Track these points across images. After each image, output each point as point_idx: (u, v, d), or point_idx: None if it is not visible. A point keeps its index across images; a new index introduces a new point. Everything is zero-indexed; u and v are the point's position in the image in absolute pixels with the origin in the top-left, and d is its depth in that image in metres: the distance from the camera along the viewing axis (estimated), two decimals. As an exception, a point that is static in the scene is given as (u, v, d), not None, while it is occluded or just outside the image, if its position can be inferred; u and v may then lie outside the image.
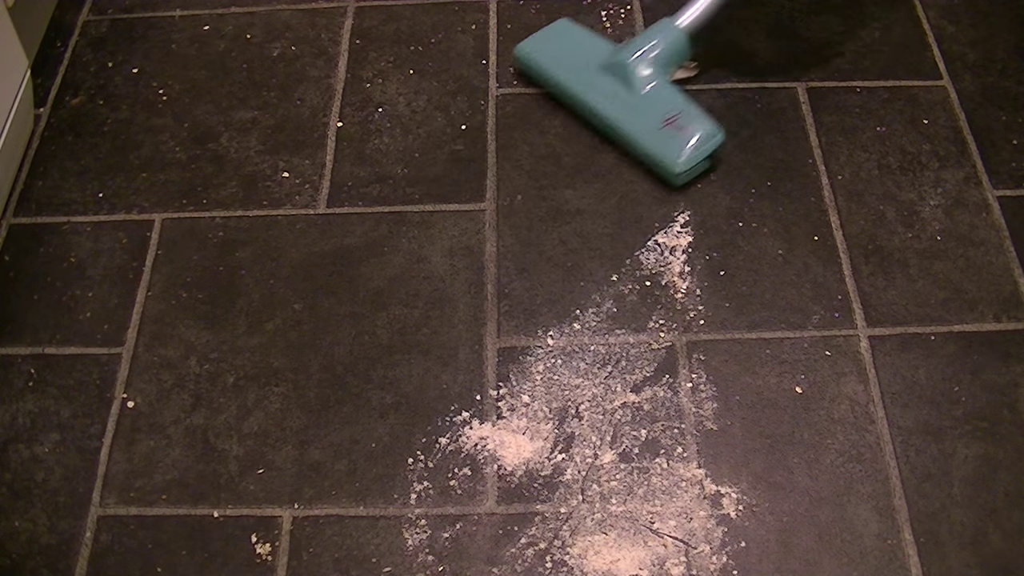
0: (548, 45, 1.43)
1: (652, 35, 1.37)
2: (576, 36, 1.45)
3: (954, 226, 1.28)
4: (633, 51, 1.35)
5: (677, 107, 1.32)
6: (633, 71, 1.34)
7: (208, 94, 1.45)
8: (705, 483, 1.08)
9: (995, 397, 1.14)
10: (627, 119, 1.33)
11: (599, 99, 1.35)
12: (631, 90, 1.34)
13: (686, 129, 1.29)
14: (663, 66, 1.36)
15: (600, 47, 1.41)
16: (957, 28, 1.50)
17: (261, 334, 1.21)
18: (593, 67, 1.38)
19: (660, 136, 1.30)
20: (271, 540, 1.06)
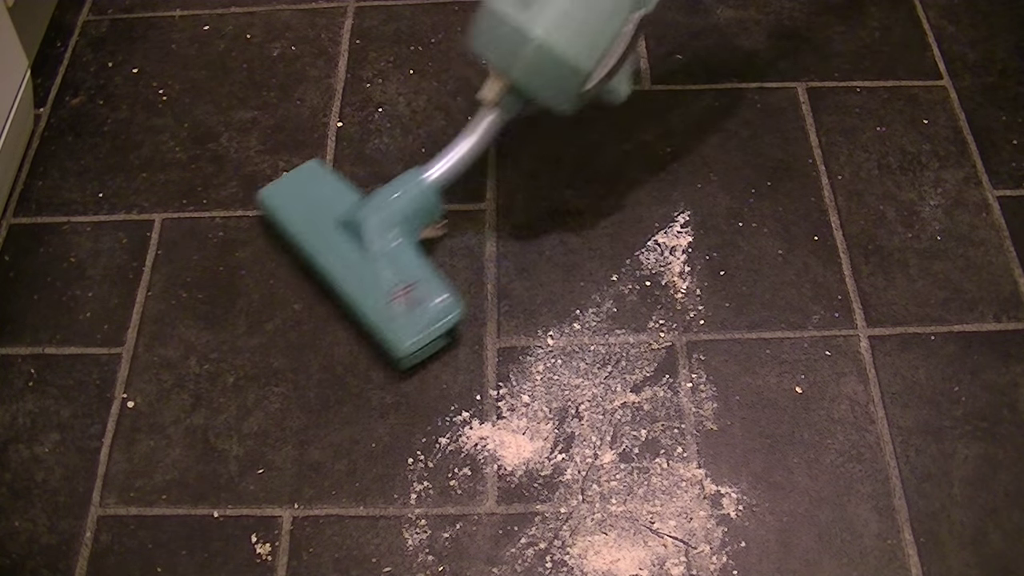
0: (293, 191, 1.26)
1: (396, 189, 1.18)
2: (322, 182, 1.27)
3: (954, 226, 1.28)
4: (372, 208, 1.17)
5: (412, 277, 1.14)
6: (367, 230, 1.16)
7: (208, 94, 1.45)
8: (705, 483, 1.08)
9: (995, 397, 1.14)
10: (356, 287, 1.16)
11: (332, 261, 1.18)
12: (365, 252, 1.16)
13: (418, 304, 1.13)
14: (406, 226, 1.17)
15: (343, 198, 1.23)
16: (957, 28, 1.50)
17: (261, 334, 1.21)
18: (330, 222, 1.20)
19: (388, 311, 1.13)
20: (271, 540, 1.06)
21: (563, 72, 1.10)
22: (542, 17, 1.07)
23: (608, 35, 1.09)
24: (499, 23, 1.09)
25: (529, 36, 1.07)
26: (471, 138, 1.19)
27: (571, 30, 1.07)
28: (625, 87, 1.19)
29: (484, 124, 1.18)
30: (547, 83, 1.12)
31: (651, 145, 1.37)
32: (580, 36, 1.08)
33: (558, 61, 1.08)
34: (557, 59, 1.08)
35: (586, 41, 1.08)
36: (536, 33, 1.07)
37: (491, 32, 1.11)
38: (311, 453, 1.12)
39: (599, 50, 1.09)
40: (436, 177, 1.19)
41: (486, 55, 1.13)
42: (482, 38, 1.13)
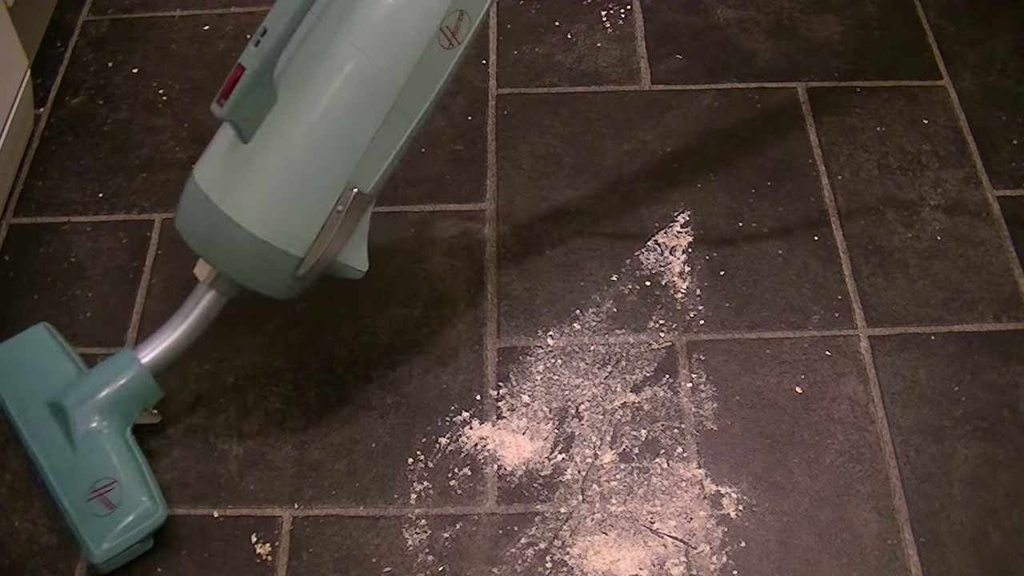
0: (15, 359, 1.14)
1: (108, 371, 1.07)
2: (44, 352, 1.14)
3: (954, 226, 1.28)
4: (81, 391, 1.06)
5: (114, 474, 1.03)
6: (73, 418, 1.05)
7: (208, 94, 1.45)
8: (705, 483, 1.08)
9: (995, 397, 1.14)
10: (59, 479, 1.04)
11: (38, 446, 1.07)
12: (69, 442, 1.05)
13: (116, 506, 1.01)
14: (117, 412, 1.06)
15: (61, 374, 1.11)
16: (957, 28, 1.50)
17: (261, 334, 1.21)
18: (43, 401, 1.09)
19: (86, 511, 1.02)
20: (271, 540, 1.06)
21: (271, 259, 1.00)
22: (244, 200, 0.98)
23: (318, 217, 0.99)
24: (200, 205, 0.99)
25: (229, 223, 0.98)
26: (188, 319, 1.07)
27: (274, 216, 0.98)
28: (360, 262, 1.07)
29: (202, 304, 1.07)
30: (255, 271, 1.02)
31: (651, 145, 1.37)
32: (284, 222, 0.99)
33: (264, 249, 0.99)
34: (262, 247, 0.98)
35: (292, 226, 0.99)
36: (237, 219, 0.97)
37: (192, 214, 1.01)
38: (311, 453, 1.12)
39: (311, 232, 1.00)
40: (149, 360, 1.07)
41: (188, 239, 1.02)
42: (185, 220, 1.02)
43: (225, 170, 0.99)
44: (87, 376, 1.08)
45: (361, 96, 0.98)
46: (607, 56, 1.48)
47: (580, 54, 1.48)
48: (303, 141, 0.98)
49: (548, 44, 1.50)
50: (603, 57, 1.48)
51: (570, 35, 1.50)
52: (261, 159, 0.98)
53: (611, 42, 1.49)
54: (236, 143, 0.98)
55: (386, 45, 0.97)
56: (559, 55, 1.48)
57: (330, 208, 1.00)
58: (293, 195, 0.99)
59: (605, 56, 1.48)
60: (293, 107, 0.97)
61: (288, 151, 0.98)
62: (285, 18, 0.92)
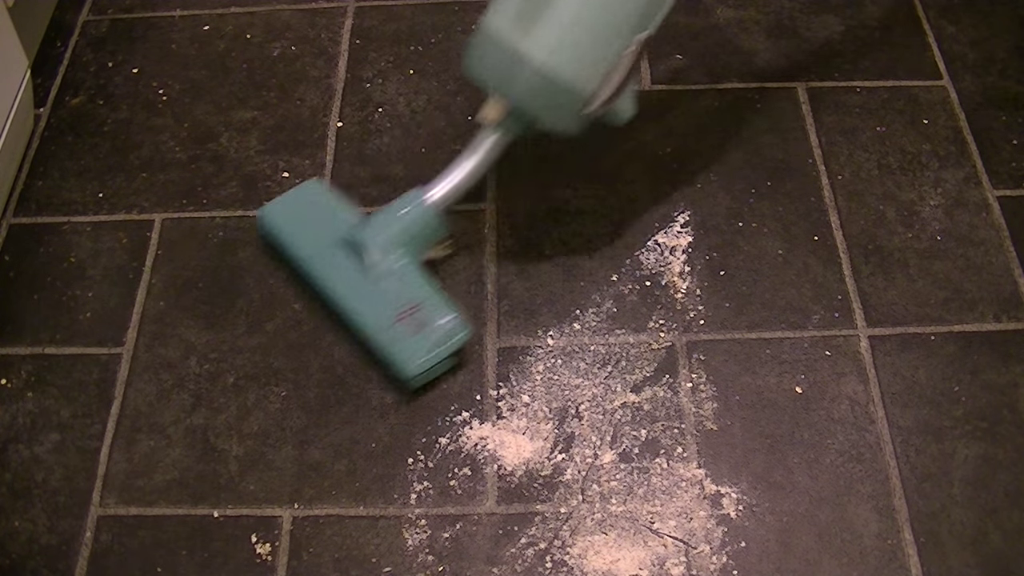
0: (294, 210, 1.25)
1: (396, 210, 1.17)
2: (321, 202, 1.26)
3: (954, 226, 1.28)
4: (374, 229, 1.16)
5: (417, 298, 1.13)
6: (371, 253, 1.14)
7: (208, 94, 1.45)
8: (705, 483, 1.08)
9: (995, 397, 1.14)
10: (361, 308, 1.14)
11: (335, 282, 1.17)
12: (368, 274, 1.15)
13: (424, 326, 1.11)
14: (410, 246, 1.17)
15: (343, 217, 1.22)
16: (957, 28, 1.50)
17: (261, 334, 1.21)
18: (332, 242, 1.19)
19: (394, 333, 1.11)
20: (271, 540, 1.06)
21: (564, 96, 1.08)
22: (543, 41, 1.05)
23: (610, 58, 1.07)
24: (498, 47, 1.08)
25: (529, 61, 1.06)
26: (473, 159, 1.17)
27: (572, 54, 1.06)
28: (629, 107, 1.17)
29: (486, 145, 1.17)
30: (548, 106, 1.10)
31: (651, 145, 1.37)
32: (582, 60, 1.06)
33: (559, 85, 1.07)
34: (558, 83, 1.07)
35: (588, 64, 1.07)
36: (537, 57, 1.05)
37: (490, 56, 1.09)
38: (311, 453, 1.12)
39: (600, 73, 1.08)
40: (437, 198, 1.17)
41: (485, 79, 1.11)
42: (480, 61, 1.11)
43: (523, 14, 1.06)
44: (378, 215, 1.18)
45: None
46: (607, 56, 1.48)
47: (580, 54, 1.48)
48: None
49: (548, 44, 1.49)
50: (603, 57, 1.47)
51: (570, 35, 1.50)
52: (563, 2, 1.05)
53: (611, 42, 1.49)
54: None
55: None
56: (559, 55, 1.48)
57: (621, 49, 1.07)
58: (590, 35, 1.06)
59: (605, 56, 1.48)
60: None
61: None
62: None
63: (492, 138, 1.16)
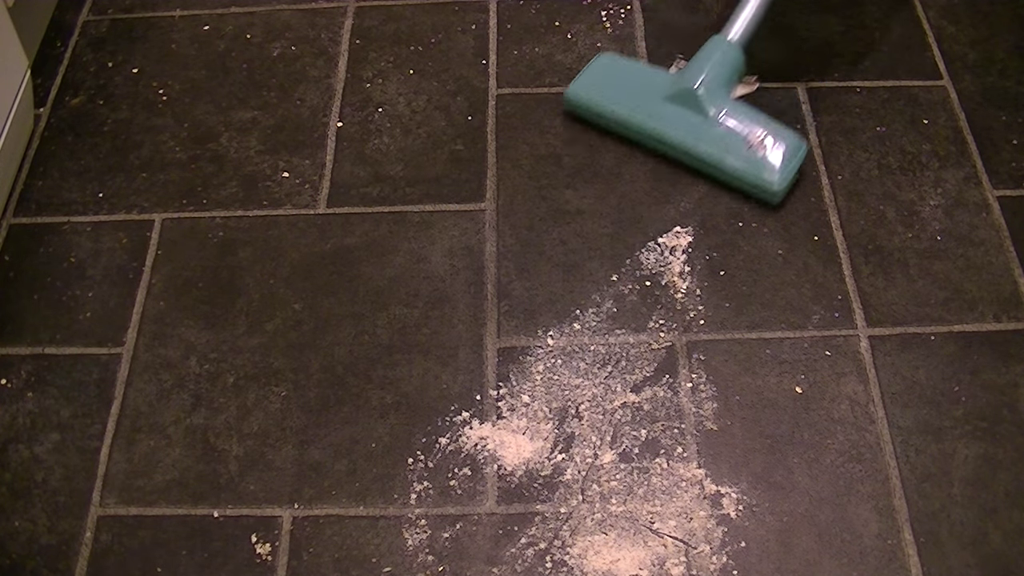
0: (599, 82, 1.37)
1: (708, 56, 1.32)
2: (626, 69, 1.40)
3: (954, 226, 1.28)
4: (697, 76, 1.31)
5: (758, 125, 1.29)
6: (703, 97, 1.30)
7: (208, 94, 1.45)
8: (705, 483, 1.08)
9: (995, 397, 1.14)
10: (711, 146, 1.29)
11: (677, 131, 1.31)
12: (706, 117, 1.30)
13: (774, 147, 1.27)
14: (727, 86, 1.32)
15: (654, 76, 1.37)
16: (957, 28, 1.50)
17: (261, 334, 1.21)
18: (656, 98, 1.33)
19: (750, 158, 1.27)
20: (271, 540, 1.06)
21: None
22: None
23: None
24: None
25: None
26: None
27: None
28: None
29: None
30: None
31: (651, 145, 1.37)
32: None
33: None
34: None
35: None
36: None
37: None
38: (311, 453, 1.12)
39: None
40: (740, 36, 1.33)
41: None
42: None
43: None
44: (693, 64, 1.32)
45: None
46: (607, 56, 1.48)
47: (580, 54, 1.48)
48: None
49: (548, 44, 1.49)
50: (603, 57, 1.48)
51: (570, 35, 1.50)
52: None
53: (611, 42, 1.49)
54: None
55: None
56: (559, 55, 1.48)
57: None
58: None
59: (605, 56, 1.48)
60: None
61: None
62: None
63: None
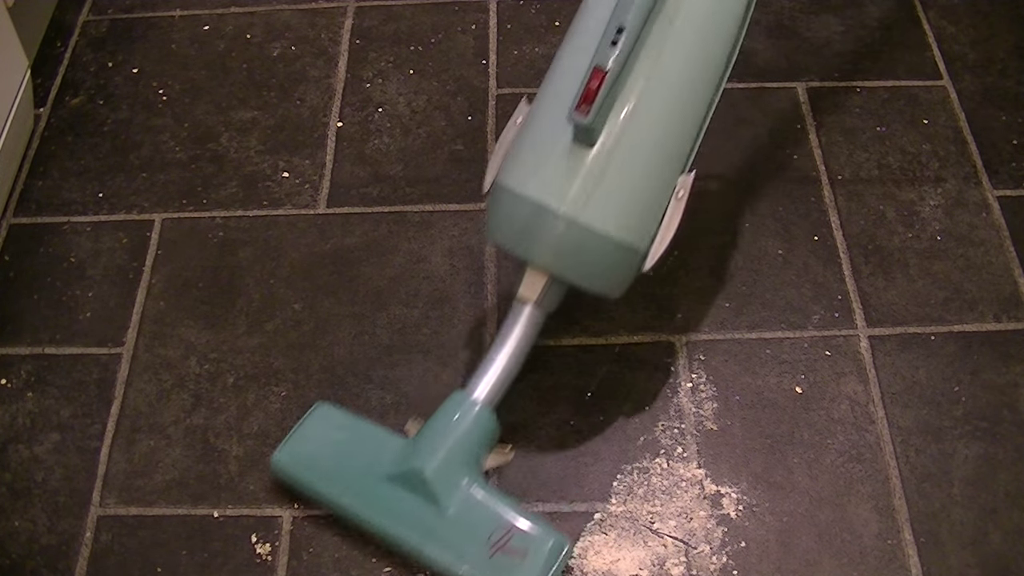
0: (315, 448, 1.06)
1: (446, 423, 1.02)
2: (348, 429, 1.07)
3: (954, 226, 1.28)
4: (427, 453, 1.00)
5: (503, 523, 0.98)
6: (433, 482, 0.98)
7: (208, 94, 1.45)
8: (705, 483, 1.08)
9: (995, 397, 1.14)
10: (444, 552, 0.98)
11: (398, 525, 1.00)
12: (437, 508, 0.98)
13: (523, 551, 0.97)
14: (470, 464, 1.01)
15: (382, 443, 1.05)
16: (957, 28, 1.50)
17: (261, 334, 1.21)
18: (379, 476, 1.02)
19: (493, 569, 0.96)
20: (271, 540, 1.06)
21: (623, 261, 0.98)
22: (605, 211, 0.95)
23: (662, 207, 0.99)
24: (552, 222, 0.96)
25: (592, 234, 0.95)
26: (514, 344, 1.04)
27: (633, 216, 0.97)
28: None
29: (528, 325, 1.04)
30: (606, 274, 0.99)
31: (651, 145, 1.37)
32: (640, 219, 0.97)
33: (620, 252, 0.97)
34: (619, 250, 0.97)
35: (645, 221, 0.98)
36: (600, 230, 0.95)
37: (539, 231, 0.97)
38: (311, 453, 1.11)
39: (654, 226, 0.98)
40: (486, 397, 1.03)
41: (528, 256, 0.99)
42: (523, 237, 0.98)
43: (575, 179, 0.95)
44: (425, 435, 1.02)
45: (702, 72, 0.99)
46: (607, 56, 1.48)
47: (580, 54, 1.48)
48: (652, 132, 0.97)
49: (548, 44, 1.49)
50: (603, 57, 1.47)
51: (570, 35, 1.50)
52: (616, 161, 0.95)
53: (611, 42, 1.49)
54: (576, 150, 0.94)
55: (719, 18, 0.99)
56: (559, 55, 1.48)
57: (670, 195, 0.99)
58: (648, 190, 0.98)
59: (605, 56, 1.48)
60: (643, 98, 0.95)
61: (639, 146, 0.96)
62: (640, 15, 0.92)
63: (531, 316, 1.04)
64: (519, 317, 1.04)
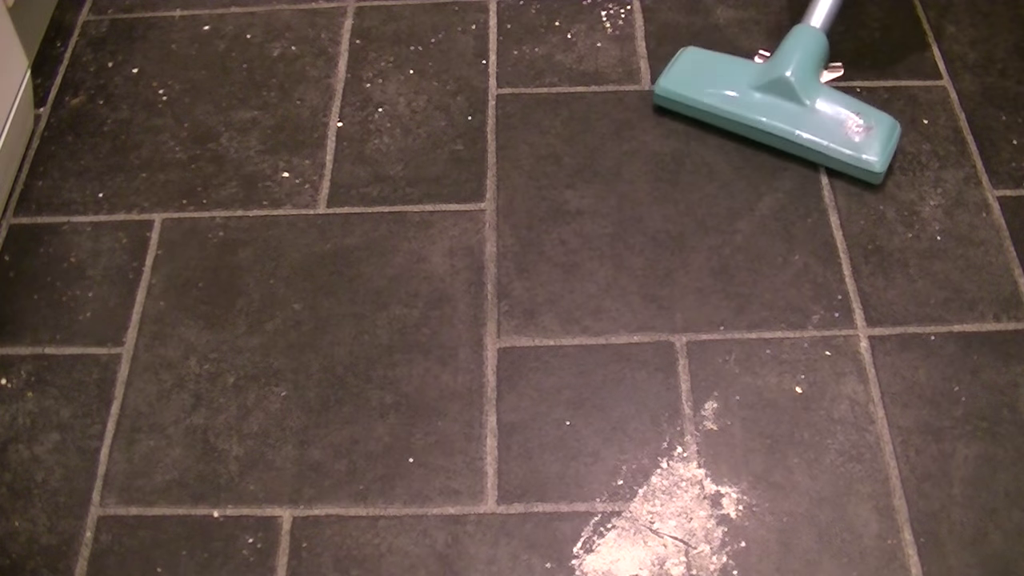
0: (688, 76, 1.39)
1: (796, 44, 1.36)
2: (713, 61, 1.42)
3: (954, 226, 1.28)
4: (787, 65, 1.34)
5: (853, 109, 1.32)
6: (796, 85, 1.33)
7: (208, 94, 1.45)
8: (705, 483, 1.08)
9: (995, 397, 1.14)
10: (812, 133, 1.32)
11: (775, 119, 1.33)
12: (802, 104, 1.33)
13: (873, 129, 1.31)
14: (815, 72, 1.36)
15: (743, 67, 1.39)
16: (957, 28, 1.50)
17: (261, 334, 1.21)
18: (749, 88, 1.36)
19: (851, 142, 1.30)
20: (271, 540, 1.06)
21: None
22: None
23: None
24: None
25: None
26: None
27: None
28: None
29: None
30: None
31: (651, 145, 1.37)
32: None
33: None
34: None
35: None
36: None
37: None
38: (311, 453, 1.12)
39: None
40: (823, 23, 1.36)
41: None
42: None
43: None
44: (782, 53, 1.36)
45: None
46: (607, 56, 1.48)
47: (580, 54, 1.48)
48: None
49: (548, 44, 1.50)
50: (603, 57, 1.48)
51: (570, 35, 1.51)
52: None
53: (611, 42, 1.49)
54: None
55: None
56: (559, 55, 1.48)
57: None
58: None
59: (605, 56, 1.48)
60: None
61: None
62: None
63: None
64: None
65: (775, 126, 1.33)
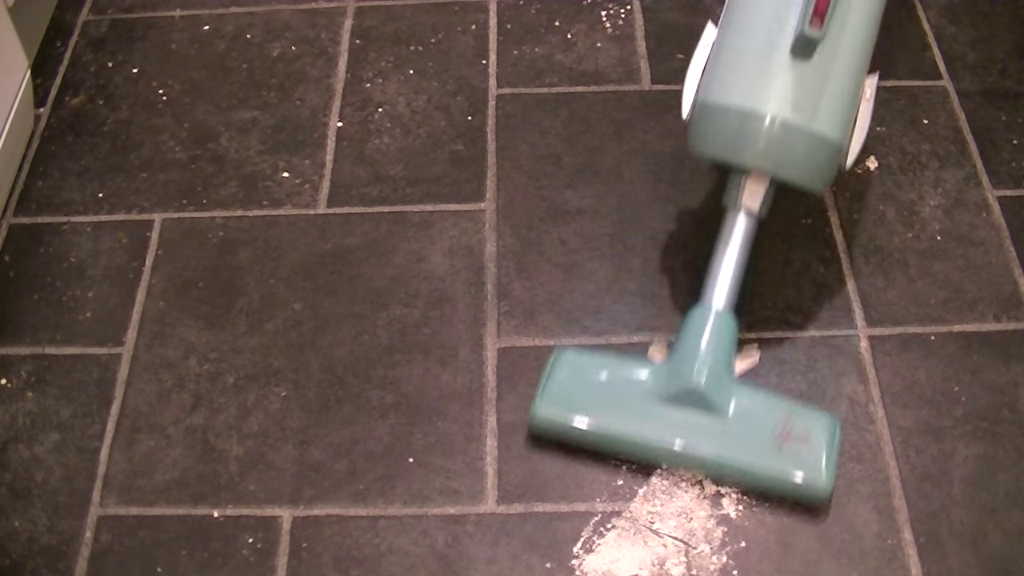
0: (572, 391, 1.10)
1: (700, 337, 1.08)
2: (597, 367, 1.12)
3: (954, 226, 1.28)
4: (695, 369, 1.07)
5: (781, 414, 1.06)
6: (710, 394, 1.06)
7: (208, 94, 1.45)
8: (705, 483, 1.08)
9: (995, 397, 1.14)
10: (737, 452, 1.05)
11: (691, 441, 1.06)
12: (719, 416, 1.06)
13: (807, 438, 1.05)
14: (730, 369, 1.09)
15: (638, 372, 1.11)
16: (957, 28, 1.50)
17: (261, 334, 1.21)
18: (651, 402, 1.08)
19: (786, 457, 1.04)
20: (271, 540, 1.06)
21: (832, 159, 1.07)
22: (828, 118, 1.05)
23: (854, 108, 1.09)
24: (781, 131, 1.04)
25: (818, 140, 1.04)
26: (736, 251, 1.11)
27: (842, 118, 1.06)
28: None
29: (745, 232, 1.12)
30: (820, 174, 1.08)
31: (651, 145, 1.37)
32: (845, 121, 1.07)
33: (834, 152, 1.06)
34: (834, 151, 1.06)
35: (846, 122, 1.07)
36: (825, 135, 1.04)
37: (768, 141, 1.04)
38: (311, 453, 1.12)
39: (849, 124, 1.08)
40: (724, 304, 1.10)
41: (754, 163, 1.06)
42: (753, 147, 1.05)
43: (801, 92, 1.04)
44: (682, 353, 1.08)
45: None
46: (607, 56, 1.48)
47: (580, 54, 1.48)
48: (859, 36, 1.08)
49: (548, 44, 1.50)
50: (603, 57, 1.48)
51: (570, 35, 1.51)
52: (835, 68, 1.05)
53: (611, 42, 1.49)
54: (796, 61, 1.04)
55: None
56: (559, 55, 1.48)
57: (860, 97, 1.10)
58: (852, 92, 1.08)
59: (605, 56, 1.48)
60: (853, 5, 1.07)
61: (851, 52, 1.07)
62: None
63: (748, 222, 1.11)
64: (738, 225, 1.12)
65: (694, 450, 1.06)
